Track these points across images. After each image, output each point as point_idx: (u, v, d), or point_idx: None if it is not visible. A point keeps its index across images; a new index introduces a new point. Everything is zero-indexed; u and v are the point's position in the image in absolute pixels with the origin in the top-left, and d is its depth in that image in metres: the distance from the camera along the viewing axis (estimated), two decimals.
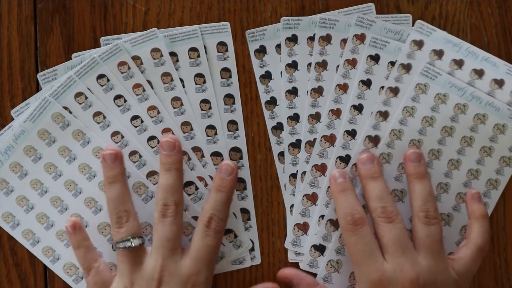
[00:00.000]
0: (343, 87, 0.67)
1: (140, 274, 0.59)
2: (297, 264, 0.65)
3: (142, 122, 0.66)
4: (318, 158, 0.66)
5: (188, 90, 0.67)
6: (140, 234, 0.61)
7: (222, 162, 0.63)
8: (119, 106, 0.66)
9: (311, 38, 0.68)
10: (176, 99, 0.67)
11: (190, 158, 0.66)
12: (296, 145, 0.67)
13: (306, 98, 0.67)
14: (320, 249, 0.65)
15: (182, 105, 0.67)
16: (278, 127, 0.67)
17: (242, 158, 0.67)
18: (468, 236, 0.63)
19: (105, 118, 0.66)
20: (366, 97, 0.66)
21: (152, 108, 0.66)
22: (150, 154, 0.66)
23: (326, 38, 0.67)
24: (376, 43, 0.67)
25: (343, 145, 0.66)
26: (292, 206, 0.66)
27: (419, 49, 0.66)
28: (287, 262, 0.65)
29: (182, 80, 0.67)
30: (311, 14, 0.68)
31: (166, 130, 0.66)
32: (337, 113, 0.67)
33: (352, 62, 0.67)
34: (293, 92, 0.67)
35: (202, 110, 0.67)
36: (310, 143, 0.67)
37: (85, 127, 0.65)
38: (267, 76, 0.68)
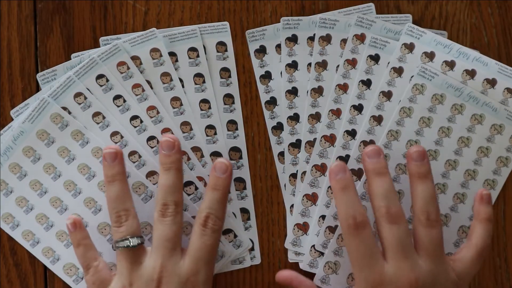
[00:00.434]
0: (343, 87, 0.67)
1: (139, 274, 0.60)
2: (297, 264, 0.66)
3: (142, 122, 0.66)
4: (318, 158, 0.66)
5: (187, 90, 0.67)
6: (139, 234, 0.61)
7: (217, 160, 0.63)
8: (119, 106, 0.66)
9: (311, 38, 0.68)
10: (175, 99, 0.67)
11: (189, 158, 0.66)
12: (296, 145, 0.67)
13: (306, 98, 0.67)
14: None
15: (181, 105, 0.67)
16: (278, 127, 0.68)
17: (241, 158, 0.67)
18: (470, 237, 0.62)
19: (104, 118, 0.66)
20: (366, 97, 0.67)
21: (151, 108, 0.67)
22: (149, 154, 0.66)
23: (326, 38, 0.68)
24: (376, 43, 0.67)
25: (343, 145, 0.66)
26: (292, 206, 0.67)
27: (410, 52, 0.66)
28: (287, 262, 0.66)
29: (181, 80, 0.67)
30: (311, 14, 0.68)
31: (165, 130, 0.66)
32: (337, 113, 0.67)
33: (352, 62, 0.67)
34: (293, 92, 0.68)
35: (202, 110, 0.67)
36: (310, 143, 0.67)
37: (84, 127, 0.66)
38: (267, 76, 0.68)
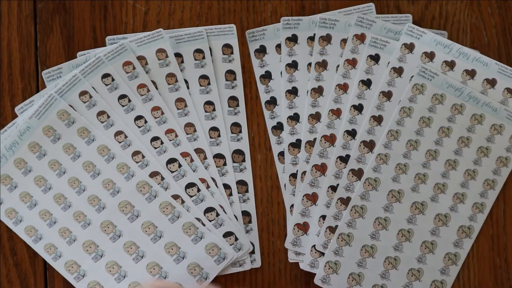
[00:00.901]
0: (343, 87, 0.67)
1: None
2: (297, 264, 0.66)
3: (146, 122, 0.67)
4: (318, 158, 0.67)
5: (192, 91, 0.67)
6: None
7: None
8: (123, 106, 0.67)
9: (311, 38, 0.68)
10: (180, 100, 0.67)
11: (192, 160, 0.66)
12: (296, 145, 0.67)
13: (306, 98, 0.68)
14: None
15: (186, 106, 0.67)
16: (278, 127, 0.68)
17: (244, 160, 0.67)
18: None
19: (109, 117, 0.66)
20: (366, 97, 0.67)
21: (156, 108, 0.67)
22: (153, 154, 0.66)
23: (326, 38, 0.68)
24: (376, 43, 0.67)
25: (343, 145, 0.66)
26: (292, 206, 0.67)
27: (410, 52, 0.66)
28: (287, 262, 0.66)
29: (186, 81, 0.67)
30: (311, 14, 0.68)
31: (169, 131, 0.67)
32: (337, 113, 0.67)
33: (352, 62, 0.67)
34: (293, 92, 0.68)
35: (206, 111, 0.67)
36: (310, 143, 0.67)
37: (90, 125, 0.66)
38: (267, 76, 0.68)
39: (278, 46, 0.68)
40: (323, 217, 0.66)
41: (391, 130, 0.66)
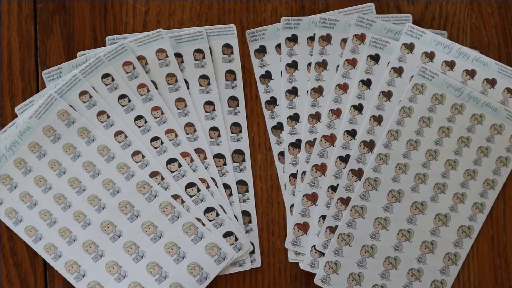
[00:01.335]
0: (343, 87, 0.67)
1: None
2: (297, 264, 0.66)
3: (146, 122, 0.67)
4: (318, 158, 0.67)
5: (192, 91, 0.67)
6: None
7: None
8: (123, 106, 0.67)
9: (311, 38, 0.68)
10: (180, 100, 0.67)
11: (192, 160, 0.66)
12: (296, 145, 0.67)
13: (306, 98, 0.68)
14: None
15: (186, 106, 0.67)
16: (278, 127, 0.68)
17: (244, 160, 0.67)
18: None
19: (109, 117, 0.66)
20: (366, 97, 0.67)
21: (156, 108, 0.67)
22: (153, 154, 0.66)
23: (326, 38, 0.68)
24: (376, 43, 0.67)
25: (343, 145, 0.66)
26: (292, 206, 0.67)
27: (410, 52, 0.66)
28: (287, 262, 0.66)
29: (186, 81, 0.67)
30: (311, 14, 0.68)
31: (169, 131, 0.67)
32: (337, 113, 0.67)
33: (352, 62, 0.67)
34: (293, 92, 0.68)
35: (206, 111, 0.67)
36: (310, 143, 0.67)
37: (90, 125, 0.66)
38: (267, 76, 0.68)
39: (278, 46, 0.68)
40: (323, 217, 0.66)
41: (391, 130, 0.66)
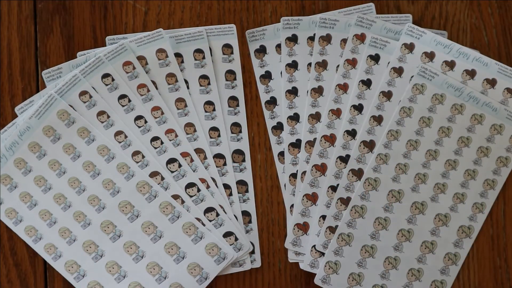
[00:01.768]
0: (343, 87, 0.67)
1: None
2: (297, 264, 0.66)
3: (146, 122, 0.67)
4: (318, 158, 0.67)
5: (192, 91, 0.67)
6: None
7: None
8: (123, 106, 0.67)
9: (311, 38, 0.68)
10: (180, 100, 0.67)
11: (192, 160, 0.66)
12: (296, 145, 0.67)
13: (306, 98, 0.68)
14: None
15: (186, 106, 0.67)
16: (278, 127, 0.68)
17: (244, 160, 0.67)
18: None
19: (109, 117, 0.66)
20: (366, 97, 0.67)
21: (156, 108, 0.67)
22: (153, 154, 0.66)
23: (326, 38, 0.68)
24: (376, 43, 0.67)
25: (343, 145, 0.66)
26: (292, 206, 0.67)
27: (410, 52, 0.66)
28: (287, 262, 0.66)
29: (186, 81, 0.67)
30: (311, 14, 0.68)
31: (169, 131, 0.67)
32: (337, 113, 0.67)
33: (352, 62, 0.67)
34: (293, 92, 0.68)
35: (206, 111, 0.68)
36: (310, 143, 0.67)
37: (90, 125, 0.66)
38: (267, 76, 0.68)
39: (278, 46, 0.68)
40: (323, 217, 0.66)
41: (391, 130, 0.66)
